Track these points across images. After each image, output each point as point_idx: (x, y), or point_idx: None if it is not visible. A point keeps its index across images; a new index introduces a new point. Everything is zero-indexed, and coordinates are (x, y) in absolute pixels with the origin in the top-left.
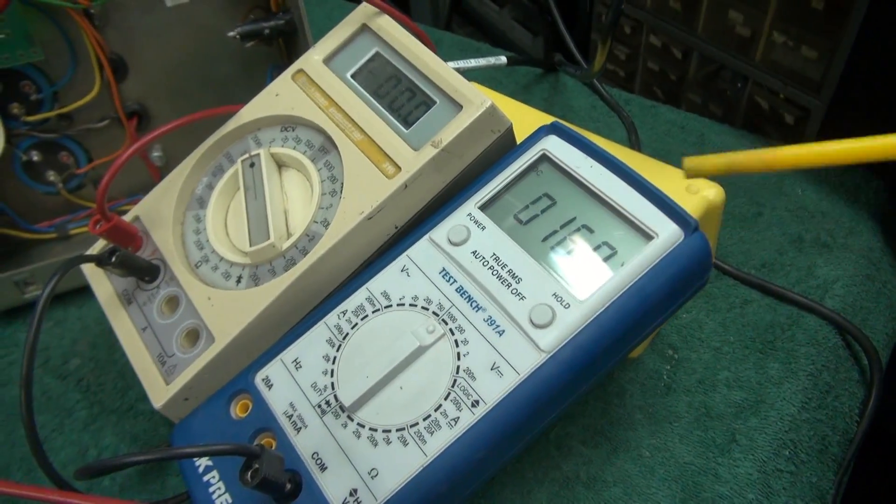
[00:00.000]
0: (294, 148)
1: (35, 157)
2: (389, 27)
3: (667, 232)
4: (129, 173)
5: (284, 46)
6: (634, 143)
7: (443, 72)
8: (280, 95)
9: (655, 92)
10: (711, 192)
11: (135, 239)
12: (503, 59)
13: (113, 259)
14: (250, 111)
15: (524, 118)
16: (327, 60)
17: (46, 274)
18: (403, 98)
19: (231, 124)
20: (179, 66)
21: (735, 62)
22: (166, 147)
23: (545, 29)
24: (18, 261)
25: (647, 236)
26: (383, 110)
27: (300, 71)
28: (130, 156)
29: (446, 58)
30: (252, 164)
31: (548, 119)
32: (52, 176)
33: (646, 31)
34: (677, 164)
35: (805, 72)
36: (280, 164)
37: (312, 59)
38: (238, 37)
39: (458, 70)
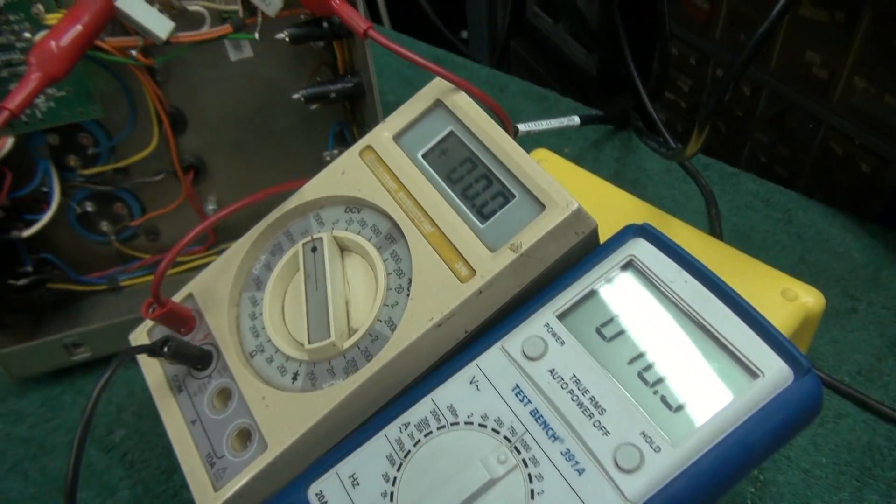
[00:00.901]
0: (359, 233)
1: (89, 207)
2: (465, 105)
3: (775, 371)
4: (183, 222)
5: (350, 106)
6: (715, 218)
7: (524, 163)
8: (346, 174)
9: (719, 127)
10: (811, 299)
11: (188, 322)
12: (576, 120)
13: (165, 349)
14: (314, 188)
15: (599, 194)
16: (397, 137)
17: (95, 337)
18: (479, 186)
19: (293, 201)
20: (240, 120)
21: (809, 103)
22: (221, 199)
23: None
24: (68, 312)
25: (752, 373)
26: (456, 199)
27: (368, 147)
28: (192, 238)
29: (512, 105)
30: (314, 249)
31: (627, 199)
32: (105, 226)
33: (712, 64)
34: (760, 243)
35: (887, 119)
36: (343, 248)
37: (381, 137)
38: (303, 99)
39: (529, 133)
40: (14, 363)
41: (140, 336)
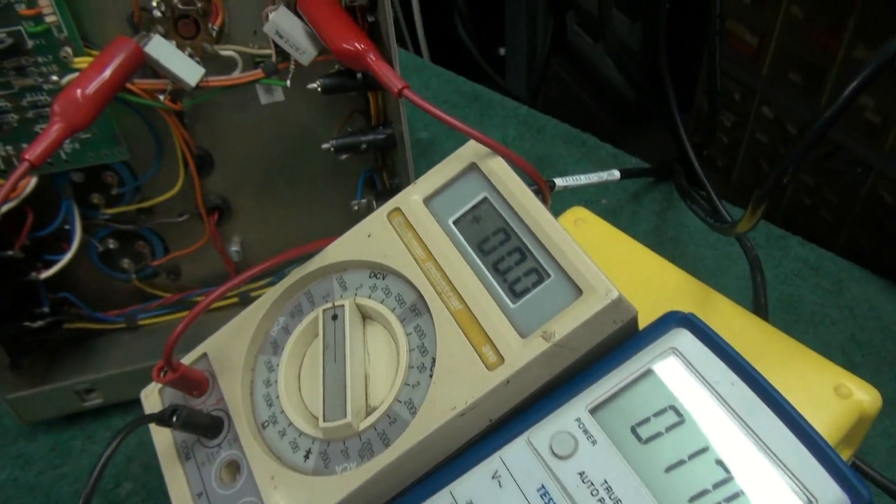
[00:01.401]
0: (382, 301)
1: (111, 244)
2: (501, 171)
3: (831, 499)
4: (205, 263)
5: (381, 154)
6: (760, 286)
7: (561, 241)
8: (372, 237)
9: (761, 164)
10: (866, 397)
11: (201, 385)
12: (616, 175)
13: (174, 419)
14: (338, 250)
15: (638, 263)
16: (428, 200)
17: (108, 383)
18: (511, 260)
19: (315, 262)
20: (268, 163)
21: (859, 147)
22: (245, 241)
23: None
24: (83, 351)
25: (806, 500)
26: (487, 273)
27: (397, 210)
28: (213, 300)
29: (549, 150)
30: (335, 317)
31: (668, 269)
32: (126, 264)
33: (758, 100)
34: (808, 316)
35: None
36: (365, 316)
37: (411, 199)
38: (332, 149)
39: (566, 188)
40: (25, 407)
41: (152, 393)
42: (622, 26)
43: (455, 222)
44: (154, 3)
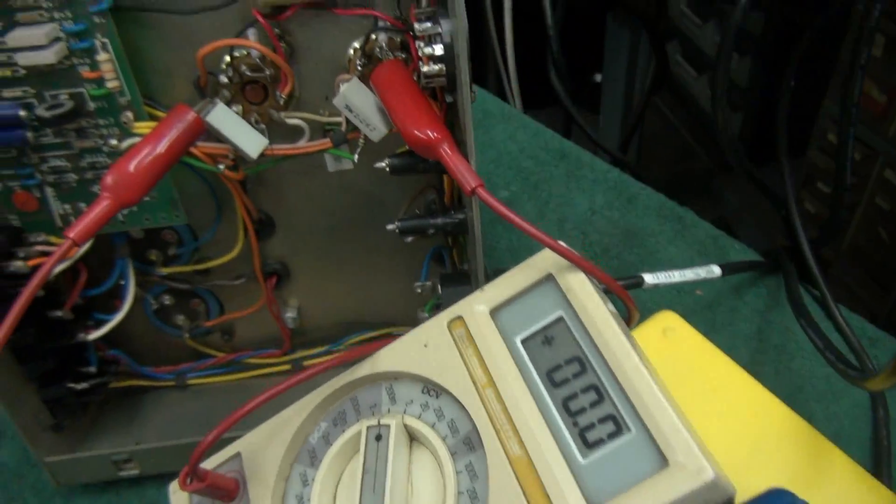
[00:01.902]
0: (433, 426)
1: (166, 301)
2: (581, 290)
3: None
4: (260, 325)
5: (450, 239)
6: (882, 422)
7: (646, 391)
8: (429, 347)
9: (879, 233)
10: None
11: (230, 492)
12: (716, 272)
13: None
14: (391, 358)
15: (734, 391)
16: (495, 312)
17: (146, 456)
18: (585, 399)
19: (365, 367)
20: (331, 230)
21: None
22: (302, 306)
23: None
24: (129, 407)
25: None
26: (554, 411)
27: (459, 319)
28: (253, 408)
29: (640, 223)
30: (378, 437)
31: (769, 403)
32: (180, 320)
33: (881, 162)
34: None
35: None
36: (413, 437)
37: (476, 309)
38: (397, 231)
39: (658, 286)
40: (61, 472)
41: (176, 491)
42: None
43: (524, 341)
44: (223, 66)
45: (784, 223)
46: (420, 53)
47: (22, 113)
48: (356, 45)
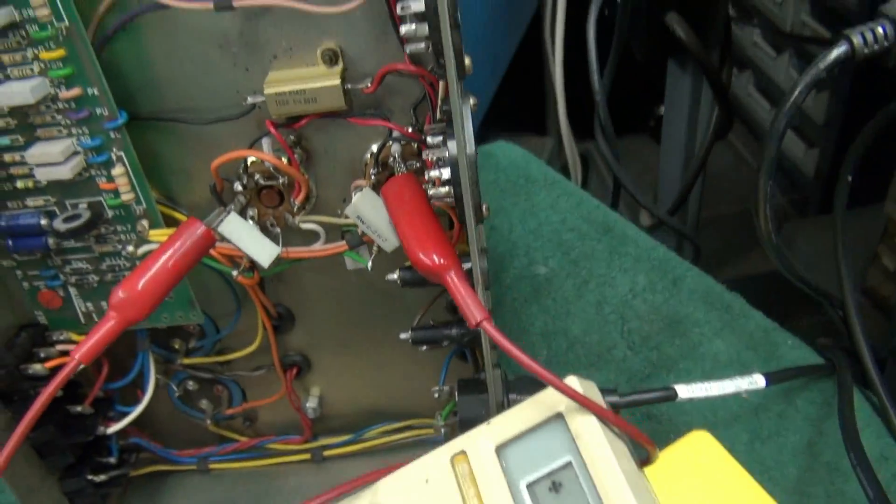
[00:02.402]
0: None
1: (190, 386)
2: (592, 438)
3: None
4: (283, 412)
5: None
6: None
7: None
8: (430, 484)
9: None
10: None
11: None
12: (759, 383)
13: None
14: (390, 492)
15: None
16: (501, 449)
17: None
18: None
19: (364, 498)
20: (350, 324)
21: None
22: (323, 395)
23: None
24: (150, 494)
25: None
26: None
27: (462, 454)
28: None
29: (684, 310)
30: None
31: None
32: (203, 404)
33: None
34: None
35: None
36: None
37: (481, 445)
38: (410, 341)
39: (693, 399)
40: None
41: None
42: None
43: (530, 485)
44: (239, 173)
45: (842, 322)
46: (426, 177)
47: (43, 222)
48: (374, 148)
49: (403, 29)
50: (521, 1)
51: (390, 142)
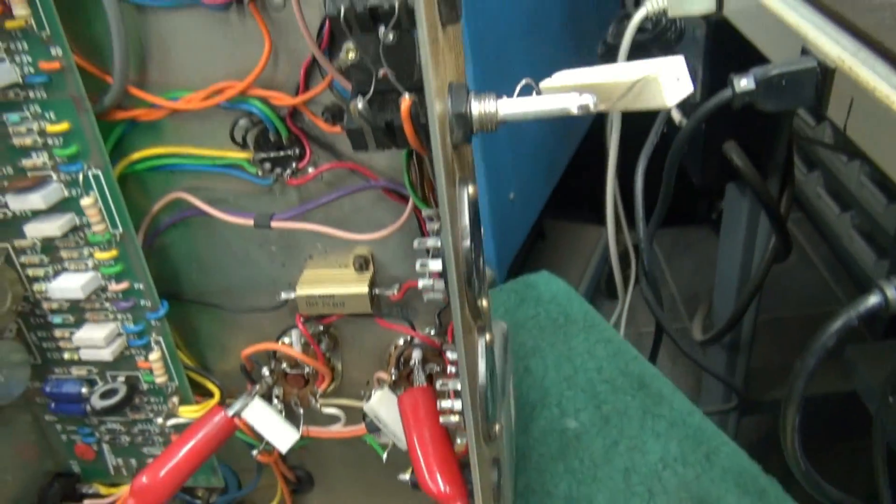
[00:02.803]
0: None
1: None
2: None
3: None
4: None
5: None
6: None
7: None
8: None
9: None
10: None
11: None
12: None
13: None
14: None
15: None
16: None
17: None
18: None
19: None
20: (370, 492)
21: None
22: None
23: None
24: None
25: None
26: None
27: None
28: None
29: (714, 488)
30: None
31: None
32: None
33: None
34: None
35: None
36: None
37: None
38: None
39: None
40: None
41: None
42: (876, 202)
43: None
44: (267, 358)
45: None
46: (438, 407)
47: (84, 390)
48: (400, 342)
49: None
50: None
51: (411, 348)
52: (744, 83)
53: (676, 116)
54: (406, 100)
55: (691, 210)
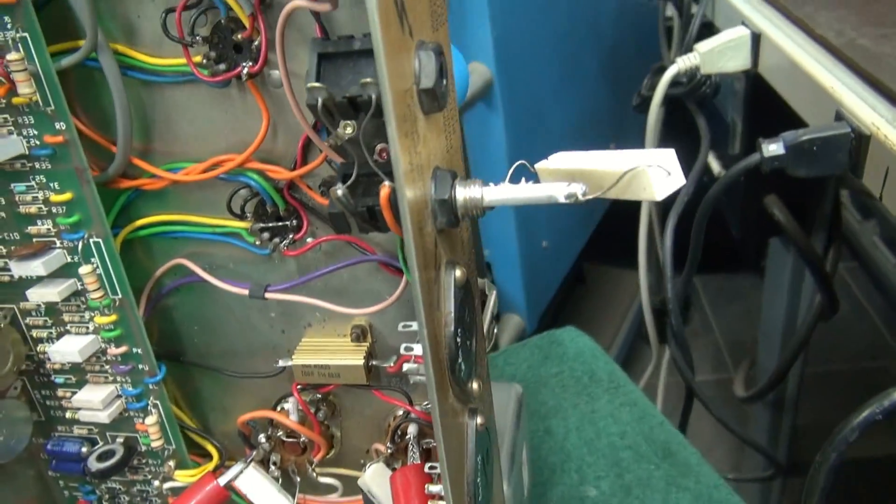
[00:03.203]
0: None
1: None
2: None
3: None
4: None
5: None
6: None
7: None
8: None
9: None
10: None
11: None
12: None
13: None
14: None
15: None
16: None
17: None
18: None
19: None
20: None
21: None
22: None
23: None
24: None
25: None
26: None
27: None
28: None
29: None
30: None
31: None
32: None
33: None
34: None
35: None
36: None
37: None
38: None
39: None
40: None
41: None
42: None
43: None
44: (266, 424)
45: None
46: (426, 491)
47: (84, 450)
48: (399, 412)
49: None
50: None
51: (406, 422)
52: (773, 148)
53: (716, 167)
54: (385, 186)
55: (739, 256)
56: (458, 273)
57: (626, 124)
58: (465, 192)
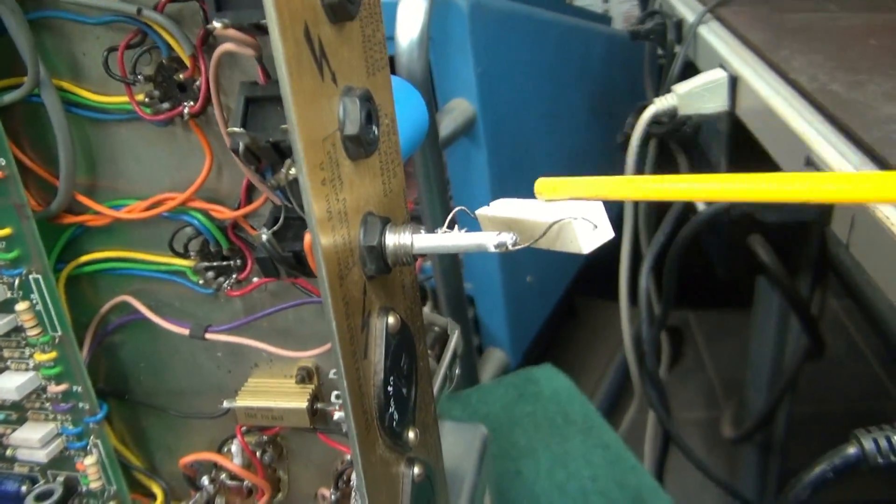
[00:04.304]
0: None
1: None
2: None
3: None
4: None
5: None
6: None
7: None
8: None
9: None
10: None
11: None
12: None
13: None
14: None
15: None
16: None
17: None
18: None
19: None
20: None
21: None
22: None
23: None
24: None
25: None
26: None
27: None
28: None
29: None
30: None
31: None
32: None
33: None
34: None
35: None
36: None
37: None
38: None
39: None
40: None
41: None
42: None
43: None
44: (210, 466)
45: None
46: None
47: (23, 489)
48: (347, 457)
49: None
50: None
51: (352, 466)
52: None
53: (701, 206)
54: (309, 234)
55: (734, 292)
56: (390, 320)
57: (614, 161)
58: (395, 239)
